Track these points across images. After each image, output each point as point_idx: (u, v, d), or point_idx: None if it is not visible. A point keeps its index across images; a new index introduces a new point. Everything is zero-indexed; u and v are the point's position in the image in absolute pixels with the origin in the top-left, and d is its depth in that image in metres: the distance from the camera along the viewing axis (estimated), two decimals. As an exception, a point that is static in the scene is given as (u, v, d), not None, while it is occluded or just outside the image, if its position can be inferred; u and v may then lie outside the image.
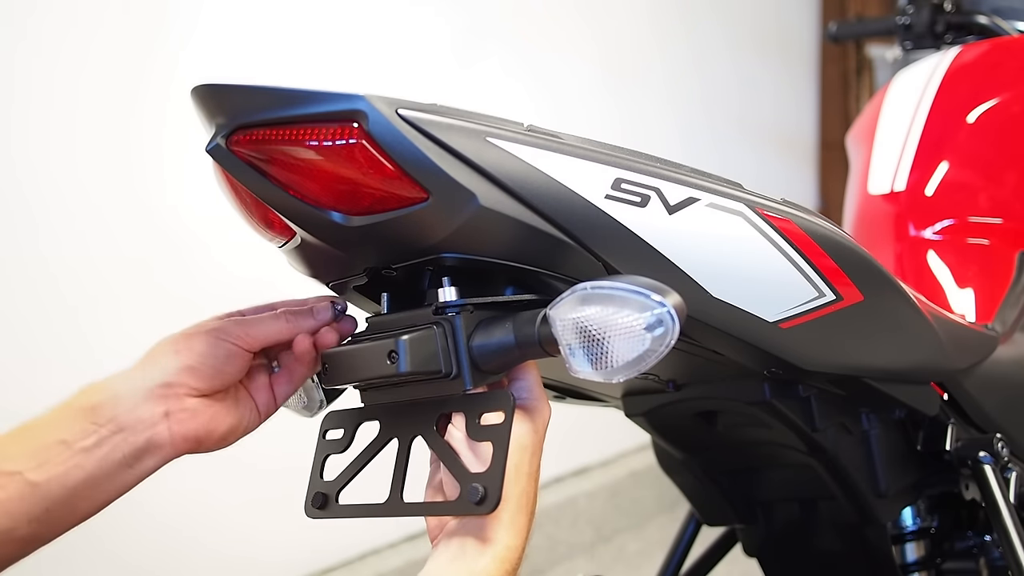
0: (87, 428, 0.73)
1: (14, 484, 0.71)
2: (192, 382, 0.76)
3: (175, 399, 0.75)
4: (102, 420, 0.74)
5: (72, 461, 0.73)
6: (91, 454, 0.73)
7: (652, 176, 0.74)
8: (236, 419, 0.79)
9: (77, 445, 0.73)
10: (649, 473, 2.71)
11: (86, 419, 0.74)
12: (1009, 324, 1.24)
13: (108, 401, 0.74)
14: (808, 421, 0.95)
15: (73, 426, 0.74)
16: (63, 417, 0.75)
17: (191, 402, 0.76)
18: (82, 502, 0.74)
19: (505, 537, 0.70)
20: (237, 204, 0.77)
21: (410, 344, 0.70)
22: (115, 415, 0.74)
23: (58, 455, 0.73)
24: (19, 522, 0.71)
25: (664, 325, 0.64)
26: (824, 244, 0.82)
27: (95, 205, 1.80)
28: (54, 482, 0.72)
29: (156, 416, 0.74)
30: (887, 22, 1.82)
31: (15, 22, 1.70)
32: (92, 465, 0.73)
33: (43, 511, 0.72)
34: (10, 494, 0.71)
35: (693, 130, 3.21)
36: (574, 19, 2.81)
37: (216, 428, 0.77)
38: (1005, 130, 1.47)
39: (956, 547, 1.19)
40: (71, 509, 0.73)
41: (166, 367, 0.76)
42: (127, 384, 0.75)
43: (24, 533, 0.72)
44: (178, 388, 0.75)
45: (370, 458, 0.79)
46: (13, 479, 0.71)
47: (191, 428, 0.75)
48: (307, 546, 2.09)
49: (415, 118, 0.67)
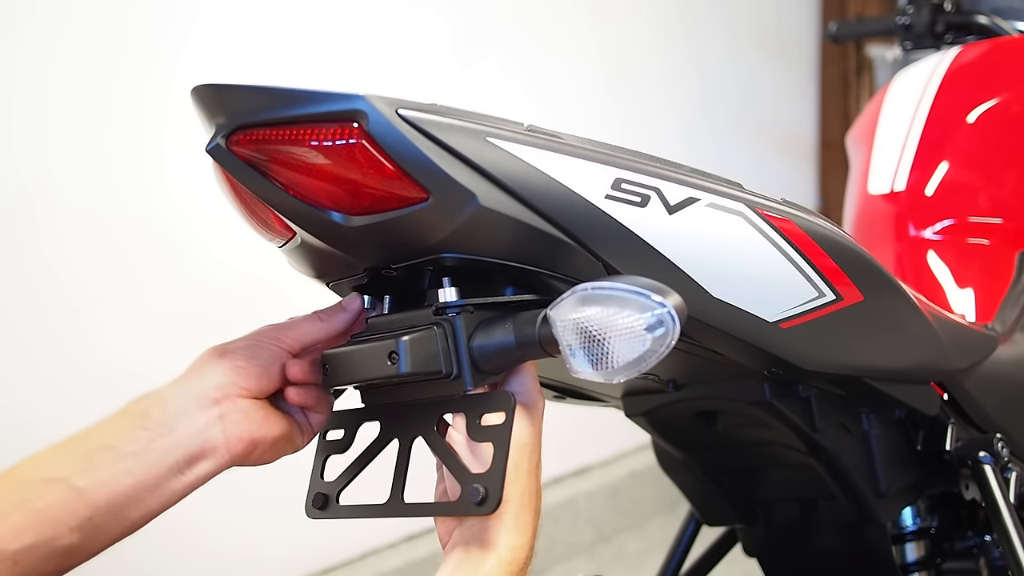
0: (137, 433, 0.71)
1: (58, 490, 0.69)
2: (242, 382, 0.75)
3: (228, 401, 0.74)
4: (152, 424, 0.72)
5: (120, 466, 0.70)
6: (141, 459, 0.71)
7: (652, 176, 0.74)
8: (286, 427, 0.78)
9: (126, 450, 0.70)
10: (649, 473, 2.71)
11: (135, 424, 0.72)
12: (1009, 324, 1.24)
13: (158, 406, 0.73)
14: (808, 421, 0.95)
15: (122, 431, 0.71)
16: (111, 424, 0.73)
17: (243, 403, 0.74)
18: (130, 510, 0.71)
19: (509, 537, 0.69)
20: (237, 204, 0.77)
21: (410, 345, 0.70)
22: (166, 419, 0.72)
23: (106, 460, 0.70)
24: (61, 530, 0.68)
25: (665, 326, 0.64)
26: (824, 244, 0.82)
27: (96, 205, 1.80)
28: (101, 488, 0.69)
29: (209, 419, 0.73)
30: (887, 22, 1.82)
31: (15, 22, 1.70)
32: (142, 471, 0.71)
33: (87, 519, 0.69)
34: (53, 501, 0.68)
35: (693, 130, 3.21)
36: (574, 19, 2.81)
37: (268, 432, 0.76)
38: (1005, 130, 1.47)
39: (956, 547, 1.19)
40: (117, 517, 0.70)
41: (214, 371, 0.74)
42: (177, 390, 0.74)
43: (66, 543, 0.69)
44: (229, 389, 0.74)
45: (371, 459, 0.79)
46: (57, 485, 0.69)
47: (245, 429, 0.74)
48: (307, 546, 2.09)
49: (415, 118, 0.67)
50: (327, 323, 0.79)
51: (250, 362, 0.76)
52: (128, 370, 1.63)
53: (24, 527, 0.67)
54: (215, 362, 0.75)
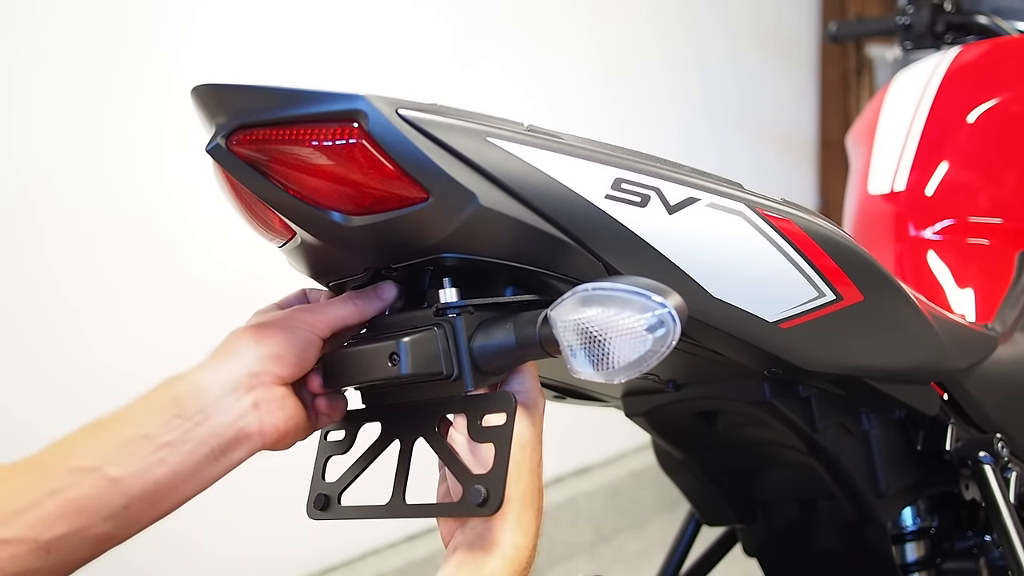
0: (172, 422, 0.70)
1: (91, 480, 0.68)
2: (278, 370, 0.73)
3: (263, 388, 0.72)
4: (188, 413, 0.70)
5: (156, 456, 0.69)
6: (177, 449, 0.70)
7: (652, 176, 0.74)
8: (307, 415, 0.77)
9: (161, 439, 0.69)
10: (649, 473, 2.71)
11: (170, 412, 0.70)
12: (1009, 324, 1.24)
13: (193, 393, 0.71)
14: (808, 421, 0.95)
15: (156, 420, 0.70)
16: (144, 410, 0.71)
17: (279, 391, 0.73)
18: (164, 499, 0.70)
19: (512, 537, 0.69)
20: (237, 204, 0.77)
21: (411, 346, 0.70)
22: (202, 407, 0.71)
23: (140, 450, 0.69)
24: (95, 520, 0.68)
25: (665, 326, 0.64)
26: (824, 244, 0.82)
27: (96, 205, 1.80)
28: (136, 478, 0.68)
29: (246, 406, 0.72)
30: (887, 22, 1.82)
31: (15, 22, 1.70)
32: (177, 460, 0.70)
33: (121, 508, 0.68)
34: (86, 491, 0.68)
35: (693, 130, 3.21)
36: (574, 19, 2.81)
37: (299, 421, 0.75)
38: (1005, 130, 1.47)
39: (956, 547, 1.19)
40: (151, 505, 0.70)
41: (250, 356, 0.73)
42: (212, 375, 0.72)
43: (99, 531, 0.68)
44: (264, 376, 0.72)
45: (372, 459, 0.79)
46: (90, 475, 0.68)
47: (280, 418, 0.73)
48: (307, 546, 2.09)
49: (415, 118, 0.67)
50: (361, 308, 0.77)
51: (285, 348, 0.74)
52: (127, 371, 1.63)
53: (57, 517, 0.67)
54: (249, 345, 0.73)
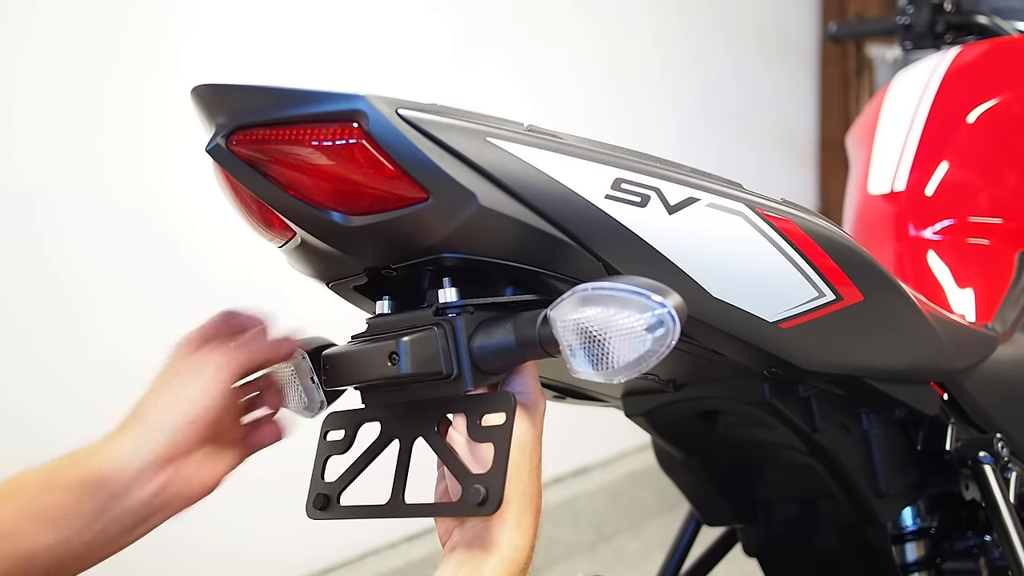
0: (85, 502, 0.73)
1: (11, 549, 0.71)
2: (193, 435, 0.75)
3: (182, 458, 0.75)
4: (102, 493, 0.73)
5: (68, 532, 0.72)
6: (90, 526, 0.73)
7: (652, 176, 0.74)
8: (239, 450, 0.80)
9: (74, 521, 0.72)
10: (649, 473, 2.71)
11: (83, 492, 0.73)
12: (1009, 324, 1.24)
13: (109, 471, 0.73)
14: (808, 421, 0.95)
15: (69, 497, 0.73)
16: (56, 488, 0.73)
17: (198, 453, 0.76)
18: (78, 562, 0.74)
19: (511, 537, 0.69)
20: (237, 204, 0.77)
21: (411, 346, 0.70)
22: (117, 489, 0.73)
23: (56, 526, 0.72)
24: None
25: (665, 326, 0.64)
26: (824, 244, 0.82)
27: (96, 205, 1.80)
28: (48, 551, 0.72)
29: (163, 483, 0.74)
30: (887, 22, 1.82)
31: (15, 21, 1.70)
32: (90, 536, 0.73)
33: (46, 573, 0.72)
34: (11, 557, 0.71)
35: (692, 130, 3.21)
36: (573, 20, 2.81)
37: (223, 470, 0.78)
38: (1005, 130, 1.47)
39: (956, 547, 1.19)
40: (80, 563, 0.74)
41: (165, 427, 0.74)
42: (128, 454, 0.74)
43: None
44: (183, 445, 0.75)
45: (371, 459, 0.79)
46: (9, 543, 0.71)
47: (199, 481, 0.76)
48: (307, 546, 2.09)
49: (415, 118, 0.67)
50: (270, 351, 0.80)
51: (201, 408, 0.75)
52: (127, 370, 1.63)
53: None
54: (163, 415, 0.75)
